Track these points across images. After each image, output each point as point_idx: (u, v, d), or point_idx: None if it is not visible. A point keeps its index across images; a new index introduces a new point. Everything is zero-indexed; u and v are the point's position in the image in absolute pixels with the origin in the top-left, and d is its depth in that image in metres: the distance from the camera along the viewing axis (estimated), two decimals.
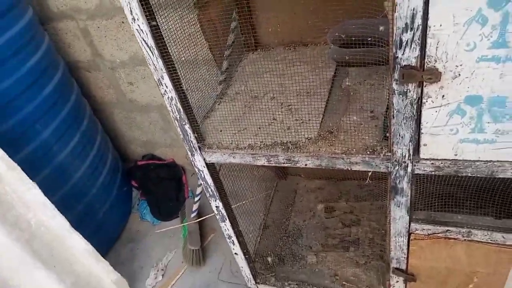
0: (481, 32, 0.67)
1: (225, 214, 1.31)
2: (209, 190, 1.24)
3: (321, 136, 1.04)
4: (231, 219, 1.34)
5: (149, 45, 0.91)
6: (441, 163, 0.88)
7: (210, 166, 1.18)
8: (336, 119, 1.09)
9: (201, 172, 1.19)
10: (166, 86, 0.99)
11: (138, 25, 0.88)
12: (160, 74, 0.96)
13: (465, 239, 1.02)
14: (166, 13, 1.07)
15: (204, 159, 1.15)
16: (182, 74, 1.07)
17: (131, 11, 0.86)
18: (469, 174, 0.88)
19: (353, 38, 1.14)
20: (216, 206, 1.29)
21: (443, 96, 0.77)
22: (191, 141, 1.12)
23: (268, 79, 1.31)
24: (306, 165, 1.03)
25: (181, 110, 1.03)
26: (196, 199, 2.02)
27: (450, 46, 0.70)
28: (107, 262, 1.63)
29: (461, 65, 0.72)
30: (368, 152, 0.95)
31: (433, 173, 0.91)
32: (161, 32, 0.91)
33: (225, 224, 1.35)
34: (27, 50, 1.65)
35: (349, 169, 0.99)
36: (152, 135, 2.41)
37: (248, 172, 1.76)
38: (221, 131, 1.17)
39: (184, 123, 1.07)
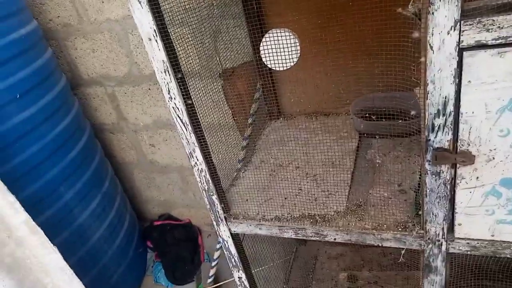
0: None
1: (247, 285, 1.27)
2: (233, 260, 1.22)
3: (349, 209, 1.04)
4: None
5: (184, 122, 0.95)
6: (477, 243, 0.86)
7: (235, 237, 1.17)
8: (363, 192, 1.09)
9: (225, 242, 1.18)
10: (197, 159, 1.01)
11: (175, 103, 0.92)
12: (192, 148, 0.99)
13: None
14: (192, 81, 1.13)
15: (230, 230, 1.14)
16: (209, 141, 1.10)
17: (168, 91, 0.91)
18: (508, 256, 0.85)
19: (377, 111, 1.17)
20: (239, 277, 1.26)
21: (477, 177, 0.77)
22: (218, 211, 1.12)
23: (292, 147, 1.33)
24: (335, 239, 1.01)
25: (210, 181, 1.05)
26: (214, 263, 1.98)
27: (483, 132, 0.72)
28: None
29: (495, 149, 0.73)
30: (399, 229, 0.93)
31: (468, 252, 0.89)
32: (195, 109, 0.96)
33: None
34: (58, 115, 1.72)
35: (380, 245, 0.97)
36: (170, 195, 2.42)
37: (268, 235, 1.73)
38: (247, 200, 1.17)
39: (212, 193, 1.08)
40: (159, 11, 0.84)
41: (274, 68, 0.88)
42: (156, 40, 0.85)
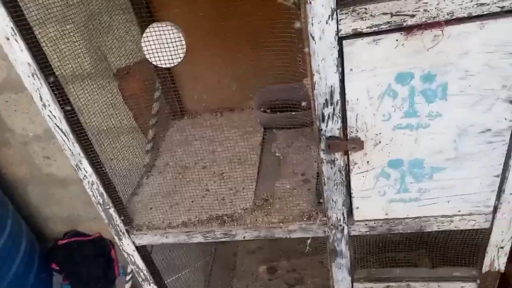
0: (393, 104, 0.72)
1: None
2: (142, 274, 1.13)
3: (257, 205, 1.02)
4: None
5: (64, 131, 0.84)
6: (374, 223, 0.90)
7: (141, 249, 1.09)
8: (269, 185, 1.09)
9: (131, 256, 1.09)
10: (86, 171, 0.91)
11: (50, 111, 0.81)
12: (78, 159, 0.89)
13: None
14: (84, 84, 1.02)
15: (134, 243, 1.06)
16: (104, 147, 1.01)
17: (40, 97, 0.79)
18: (401, 231, 0.91)
19: (278, 103, 1.18)
20: None
21: (367, 162, 0.80)
22: (117, 225, 1.02)
23: (198, 147, 1.28)
24: (244, 237, 0.99)
25: (104, 194, 0.95)
26: (128, 277, 1.85)
27: (368, 117, 0.74)
28: None
29: (380, 134, 0.76)
30: (304, 219, 0.94)
31: (368, 233, 0.93)
32: (77, 116, 0.85)
33: None
34: None
35: (287, 237, 0.97)
36: (74, 210, 2.20)
37: None
38: (151, 209, 1.10)
39: (108, 207, 0.98)
40: (16, 5, 0.72)
41: (160, 65, 0.82)
42: (16, 40, 0.73)
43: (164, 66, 0.81)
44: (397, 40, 0.66)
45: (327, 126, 0.77)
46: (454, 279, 1.00)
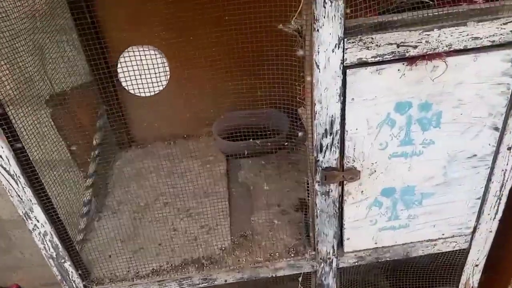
0: (391, 133, 0.72)
1: None
2: None
3: (236, 243, 0.94)
4: None
5: (12, 174, 0.68)
6: (363, 253, 0.88)
7: None
8: (245, 220, 1.01)
9: None
10: (37, 220, 0.75)
11: None
12: (29, 207, 0.73)
13: None
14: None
15: None
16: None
17: None
18: (388, 258, 0.90)
19: (241, 130, 1.12)
20: None
21: (362, 191, 0.78)
22: (73, 281, 0.86)
23: (155, 180, 1.16)
24: (226, 281, 0.90)
25: (60, 245, 0.79)
26: None
27: (366, 147, 0.73)
28: None
29: (376, 163, 0.75)
30: (292, 255, 0.89)
31: (356, 263, 0.90)
32: (27, 155, 0.70)
33: None
34: None
35: (273, 275, 0.91)
36: None
37: None
38: (110, 257, 0.95)
39: (63, 260, 0.82)
40: None
41: (139, 94, 0.71)
42: None
43: (144, 95, 0.71)
44: (399, 70, 0.65)
45: (324, 156, 0.73)
46: None
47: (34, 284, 1.96)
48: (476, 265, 0.95)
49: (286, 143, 1.18)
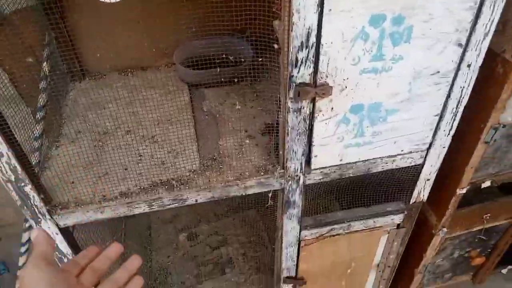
0: (364, 47, 0.72)
1: None
2: (65, 260, 0.95)
3: (205, 165, 0.94)
4: None
5: None
6: (329, 169, 0.93)
7: (65, 231, 0.91)
8: (212, 144, 1.01)
9: None
10: None
11: None
12: None
13: (346, 232, 1.12)
14: None
15: (57, 224, 0.87)
16: None
17: None
18: (351, 175, 0.96)
19: (204, 59, 1.08)
20: None
21: (332, 108, 0.80)
22: (35, 205, 0.82)
23: (115, 109, 1.10)
24: (196, 201, 0.91)
25: (18, 168, 0.74)
26: (18, 272, 1.55)
27: (339, 62, 0.73)
28: None
29: (347, 78, 0.76)
30: (262, 173, 0.91)
31: (321, 180, 0.95)
32: None
33: None
34: None
35: (243, 194, 0.93)
36: None
37: None
38: (73, 182, 0.91)
39: (23, 184, 0.78)
40: None
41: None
42: None
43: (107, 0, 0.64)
44: None
45: (299, 72, 0.73)
46: (386, 213, 1.11)
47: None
48: (428, 179, 1.03)
49: (250, 72, 1.17)
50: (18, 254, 1.53)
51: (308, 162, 0.90)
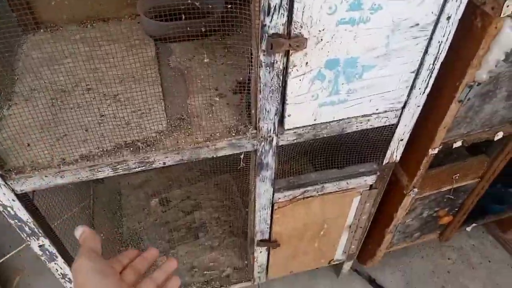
0: None
1: (54, 251, 0.99)
2: (26, 228, 0.89)
3: (173, 126, 0.89)
4: (63, 253, 1.03)
5: None
6: (303, 130, 0.89)
7: (23, 197, 0.84)
8: (181, 103, 0.95)
9: (8, 208, 0.84)
10: None
11: None
12: None
13: (319, 194, 1.11)
14: None
15: (13, 190, 0.80)
16: None
17: None
18: (325, 135, 0.93)
19: (171, 10, 1.00)
20: (40, 245, 0.96)
21: (306, 63, 0.76)
22: None
23: (72, 65, 1.01)
24: (164, 164, 0.86)
25: None
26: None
27: (314, 10, 0.68)
28: None
29: (323, 30, 0.71)
30: (233, 134, 0.86)
31: (295, 141, 0.92)
32: None
33: (55, 264, 1.03)
34: None
35: (214, 156, 0.89)
36: None
37: None
38: (28, 145, 0.84)
39: None
40: None
41: None
42: None
43: None
44: None
45: (271, 21, 0.67)
46: (359, 175, 1.10)
47: None
48: (401, 140, 1.02)
49: (220, 24, 1.09)
50: None
51: (281, 121, 0.86)
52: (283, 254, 1.30)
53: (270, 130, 0.87)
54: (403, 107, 0.92)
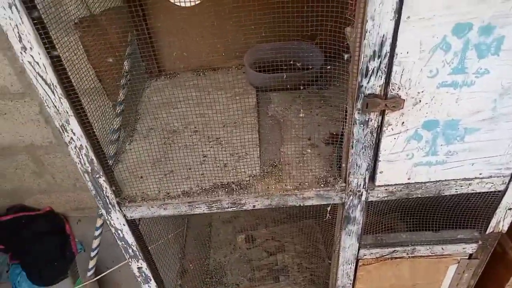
0: (444, 58, 0.67)
1: (149, 274, 1.09)
2: (130, 250, 1.01)
3: (265, 171, 0.94)
4: (156, 278, 1.12)
5: (49, 83, 0.67)
6: (394, 188, 0.87)
7: (131, 223, 0.96)
8: (274, 150, 1.00)
9: (119, 231, 0.96)
10: (74, 133, 0.75)
11: (32, 56, 0.64)
12: (65, 119, 0.73)
13: (409, 256, 1.04)
14: None
15: (125, 216, 0.93)
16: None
17: (20, 37, 0.62)
18: (419, 195, 0.89)
19: (273, 63, 1.08)
20: (139, 267, 1.06)
21: (402, 123, 0.75)
22: (107, 196, 0.88)
23: (184, 109, 1.15)
24: (254, 206, 0.91)
25: (95, 160, 0.80)
26: (93, 254, 1.69)
27: (414, 73, 0.68)
28: None
29: (422, 92, 0.71)
30: (322, 185, 0.88)
31: (385, 198, 0.89)
32: (63, 65, 0.69)
33: (149, 286, 1.13)
34: None
35: (301, 204, 0.91)
36: (19, 182, 1.95)
37: None
38: (141, 177, 0.96)
39: (97, 175, 0.84)
40: None
41: (177, 3, 0.67)
42: None
43: (182, 4, 0.67)
44: None
45: (368, 82, 0.69)
46: (457, 241, 1.01)
47: (65, 207, 2.06)
48: (510, 209, 0.92)
49: (317, 78, 1.14)
50: (93, 237, 1.67)
51: (372, 178, 0.85)
52: None
53: (360, 185, 0.86)
54: None
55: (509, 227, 1.00)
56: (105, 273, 1.65)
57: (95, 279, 1.66)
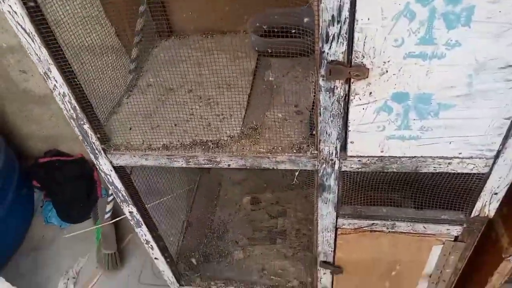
0: (409, 27, 0.63)
1: (140, 219, 1.17)
2: (120, 195, 1.09)
3: (244, 133, 0.96)
4: (148, 223, 1.21)
5: (28, 31, 0.73)
6: (368, 159, 0.85)
7: (119, 169, 1.03)
8: (259, 114, 1.01)
9: (108, 176, 1.04)
10: (56, 81, 0.81)
11: (10, 5, 0.69)
12: (47, 66, 0.79)
13: (389, 231, 1.03)
14: None
15: (111, 162, 1.00)
16: (83, 62, 0.90)
17: None
18: (395, 170, 0.86)
19: (276, 28, 1.06)
20: (130, 212, 1.15)
21: (370, 93, 0.73)
22: (93, 143, 0.95)
23: (184, 68, 1.17)
24: (229, 165, 0.94)
25: (77, 107, 0.87)
26: (110, 198, 1.83)
27: (378, 42, 0.65)
28: None
29: (388, 61, 0.68)
30: (294, 151, 0.89)
31: (360, 169, 0.88)
32: (43, 15, 0.73)
33: (141, 230, 1.22)
34: None
35: (275, 168, 0.92)
36: (54, 129, 2.12)
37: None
38: (130, 129, 1.02)
39: (82, 122, 0.90)
40: None
41: None
42: None
43: None
44: None
45: (330, 48, 0.67)
46: (441, 221, 0.98)
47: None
48: (495, 193, 0.87)
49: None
50: None
51: (344, 147, 0.84)
52: (349, 284, 1.25)
53: (332, 153, 0.85)
54: (496, 157, 0.79)
55: (506, 214, 0.95)
56: (120, 218, 1.79)
57: (111, 221, 1.81)
